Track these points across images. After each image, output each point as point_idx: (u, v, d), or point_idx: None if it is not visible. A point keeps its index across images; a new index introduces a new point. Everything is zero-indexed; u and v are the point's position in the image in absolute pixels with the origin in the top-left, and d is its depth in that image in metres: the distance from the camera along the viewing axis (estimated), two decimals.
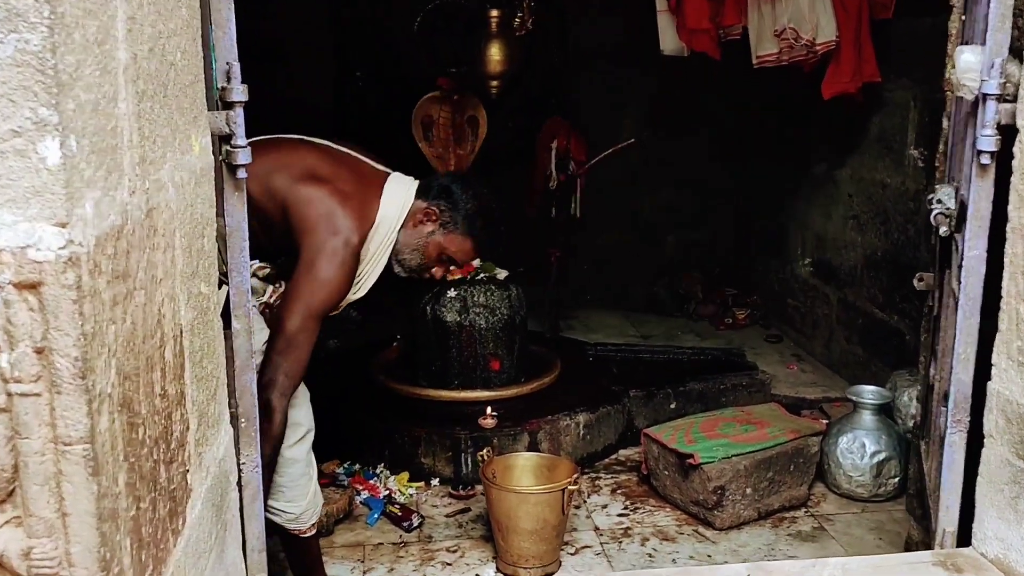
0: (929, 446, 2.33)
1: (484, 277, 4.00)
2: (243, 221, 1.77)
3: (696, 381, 4.11)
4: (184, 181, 1.45)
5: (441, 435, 3.59)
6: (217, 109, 1.71)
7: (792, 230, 5.24)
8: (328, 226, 2.38)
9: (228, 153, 1.73)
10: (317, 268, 2.36)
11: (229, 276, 1.75)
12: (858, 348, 4.54)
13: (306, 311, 2.37)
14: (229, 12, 1.71)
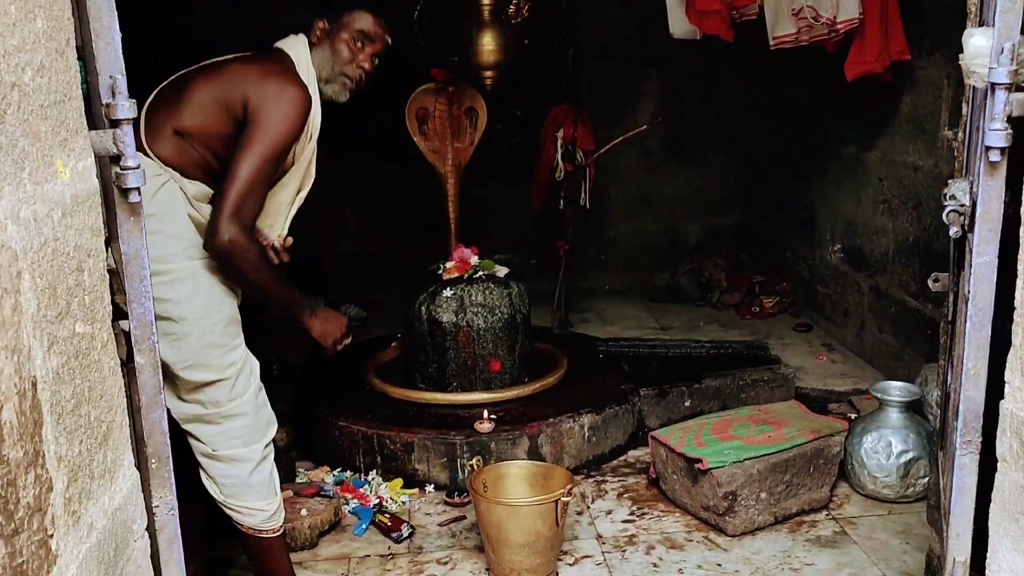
0: (946, 458, 2.12)
1: (483, 275, 3.83)
2: (141, 248, 1.58)
3: (713, 377, 3.90)
4: (43, 214, 1.29)
5: (435, 440, 3.43)
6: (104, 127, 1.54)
7: (821, 215, 5.00)
8: (264, 75, 2.45)
9: (118, 176, 1.55)
10: (265, 111, 2.40)
11: (129, 307, 1.59)
12: (890, 337, 4.30)
13: (260, 154, 2.39)
14: (111, 19, 1.52)
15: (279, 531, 2.60)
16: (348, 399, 3.80)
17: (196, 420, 2.48)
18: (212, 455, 2.50)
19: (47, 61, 1.33)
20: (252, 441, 2.52)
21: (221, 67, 2.55)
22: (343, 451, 3.56)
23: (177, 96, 2.48)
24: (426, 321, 3.75)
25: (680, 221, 5.86)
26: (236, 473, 2.50)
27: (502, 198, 5.69)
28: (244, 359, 2.51)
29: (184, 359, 2.44)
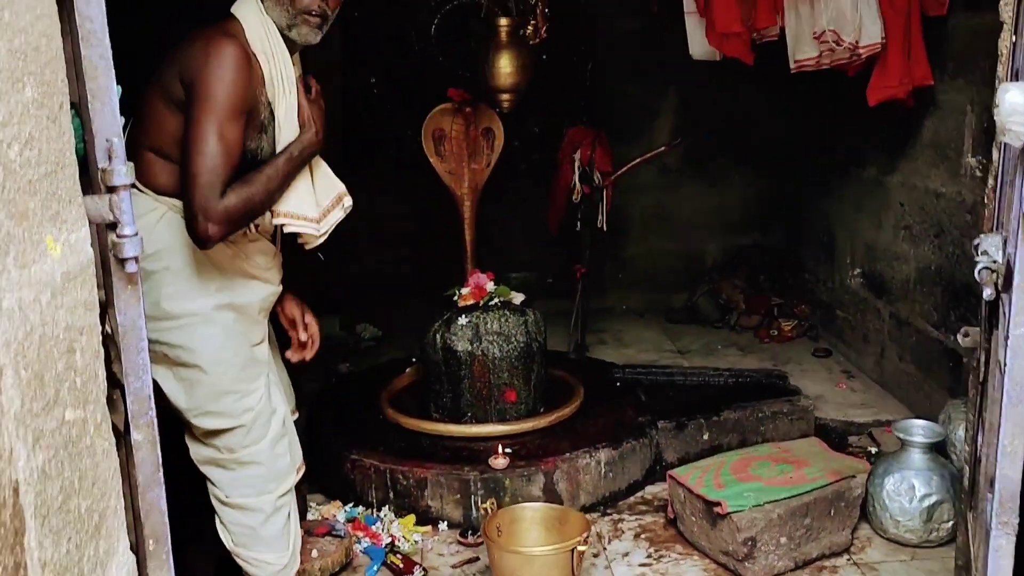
0: (976, 523, 2.07)
1: (498, 302, 3.79)
2: (139, 319, 1.53)
3: (732, 409, 3.86)
4: (29, 300, 1.22)
5: (449, 476, 3.39)
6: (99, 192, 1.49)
7: (841, 237, 4.94)
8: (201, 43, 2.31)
9: (114, 244, 1.50)
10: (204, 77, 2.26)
11: (126, 381, 1.55)
12: (911, 367, 4.25)
13: (207, 125, 2.26)
14: (108, 79, 1.46)
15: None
16: (361, 430, 3.78)
17: (211, 463, 2.47)
18: (225, 501, 2.48)
19: (37, 131, 1.27)
20: (265, 491, 2.49)
21: (163, 62, 2.39)
22: (355, 485, 3.53)
23: (140, 112, 2.37)
24: (440, 350, 3.72)
25: (698, 241, 5.82)
26: (247, 522, 2.48)
27: (518, 215, 5.66)
28: (262, 404, 2.48)
29: (196, 406, 2.42)
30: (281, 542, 2.51)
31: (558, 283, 5.67)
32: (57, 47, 1.35)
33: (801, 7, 3.68)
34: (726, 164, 5.69)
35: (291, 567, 2.56)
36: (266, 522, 2.48)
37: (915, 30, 3.66)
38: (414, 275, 5.74)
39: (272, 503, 2.49)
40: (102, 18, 1.46)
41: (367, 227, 5.64)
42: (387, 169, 5.54)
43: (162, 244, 2.34)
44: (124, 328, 1.54)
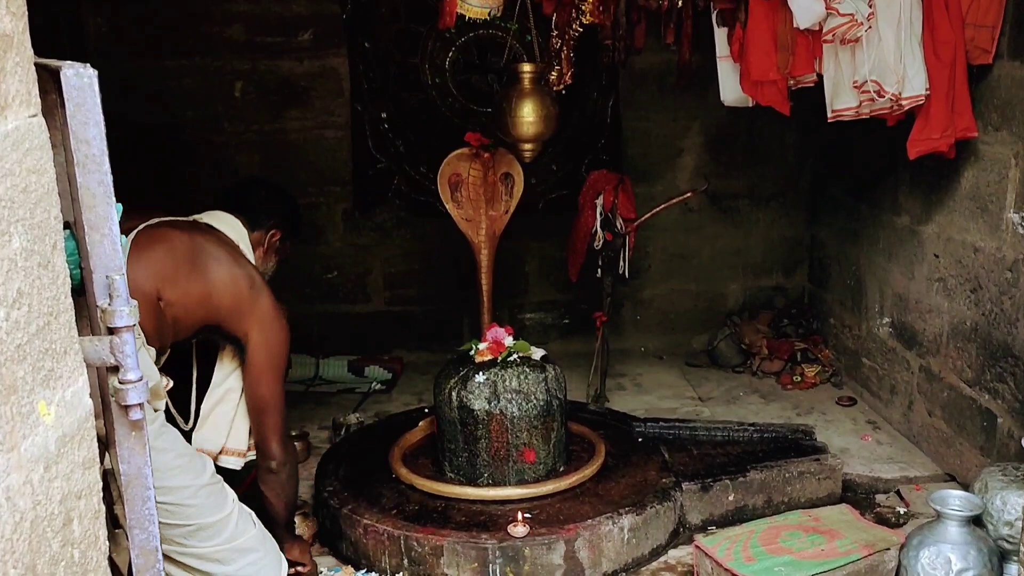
0: None
1: (517, 358, 3.73)
2: (145, 467, 1.43)
3: (758, 469, 3.79)
4: (18, 484, 1.10)
5: (466, 545, 3.33)
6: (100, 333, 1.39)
7: (870, 285, 4.88)
8: (249, 289, 2.58)
9: (116, 391, 1.39)
10: (269, 331, 2.63)
11: (130, 534, 1.47)
12: (941, 423, 4.18)
13: (277, 375, 2.69)
14: (108, 207, 1.36)
15: None
16: (373, 491, 3.71)
17: (209, 560, 2.36)
18: None
19: (27, 285, 1.15)
20: (278, 566, 2.43)
21: (206, 271, 2.55)
22: (368, 551, 3.47)
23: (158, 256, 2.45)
24: (456, 408, 3.67)
25: (720, 282, 5.77)
26: None
27: (534, 254, 5.62)
28: (236, 507, 2.42)
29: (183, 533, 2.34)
30: None
31: (576, 324, 5.64)
32: (49, 181, 1.23)
33: (841, 55, 3.61)
34: (750, 205, 5.64)
35: None
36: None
37: (960, 80, 3.59)
38: (425, 317, 5.70)
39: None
40: (101, 141, 1.37)
41: (379, 266, 5.62)
42: (399, 207, 5.50)
43: None
44: (128, 477, 1.44)
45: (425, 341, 5.66)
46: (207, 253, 2.53)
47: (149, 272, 2.37)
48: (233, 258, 2.58)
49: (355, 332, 5.68)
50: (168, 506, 2.21)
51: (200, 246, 2.52)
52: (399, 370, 5.55)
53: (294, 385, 5.41)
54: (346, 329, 5.68)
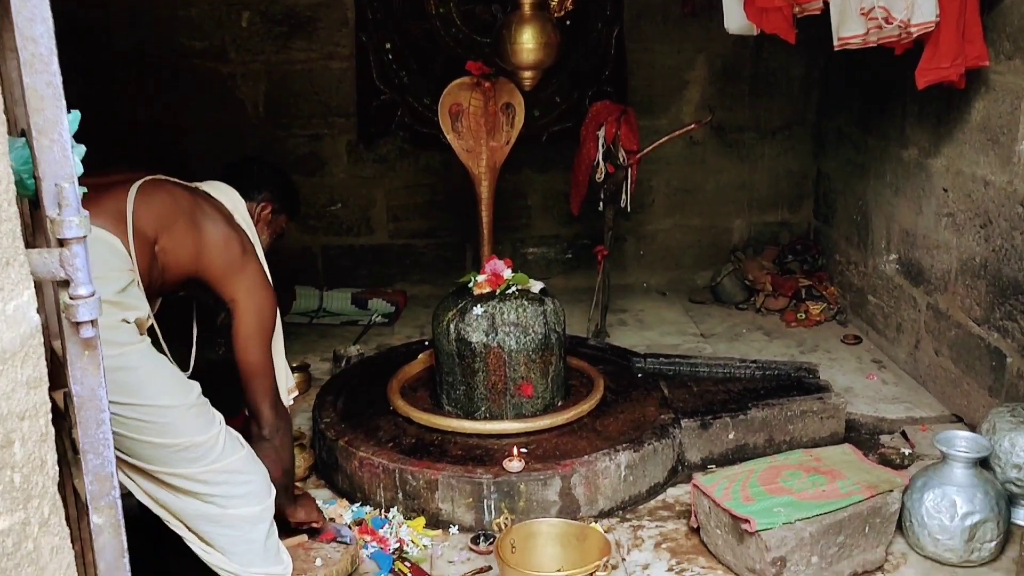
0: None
1: (515, 290, 3.54)
2: (99, 388, 1.28)
3: (759, 407, 3.62)
4: None
5: (461, 479, 3.18)
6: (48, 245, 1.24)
7: (876, 220, 4.66)
8: (240, 254, 2.49)
9: (67, 307, 1.25)
10: (256, 297, 2.50)
11: (83, 457, 1.31)
12: (948, 363, 3.99)
13: (264, 341, 2.54)
14: (57, 111, 1.20)
15: None
16: (370, 423, 3.57)
17: (196, 481, 2.22)
18: (222, 518, 2.25)
19: None
20: (262, 497, 2.29)
21: (203, 228, 2.46)
22: (363, 484, 3.33)
23: (161, 203, 2.38)
24: (454, 341, 3.49)
25: (724, 217, 5.55)
26: (252, 537, 2.27)
27: (537, 188, 5.41)
28: (224, 429, 2.28)
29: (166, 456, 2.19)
30: (281, 552, 2.33)
31: (579, 259, 5.44)
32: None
33: None
34: (756, 137, 5.40)
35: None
36: (269, 532, 2.28)
37: (971, 7, 3.34)
38: (429, 250, 5.51)
39: (271, 511, 2.29)
40: (49, 40, 1.20)
41: (382, 198, 5.41)
42: (402, 139, 5.28)
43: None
44: (81, 399, 1.29)
45: (429, 274, 5.48)
46: (205, 213, 2.48)
47: (152, 215, 2.31)
48: (228, 223, 2.53)
49: (359, 265, 5.50)
50: (156, 425, 2.09)
51: (200, 205, 2.48)
52: (402, 303, 5.37)
53: (298, 317, 5.25)
54: (350, 261, 5.50)
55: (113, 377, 2.04)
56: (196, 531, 2.21)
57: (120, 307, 2.08)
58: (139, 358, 2.08)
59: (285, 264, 5.38)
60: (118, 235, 2.16)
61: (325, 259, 5.49)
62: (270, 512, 2.28)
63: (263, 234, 2.79)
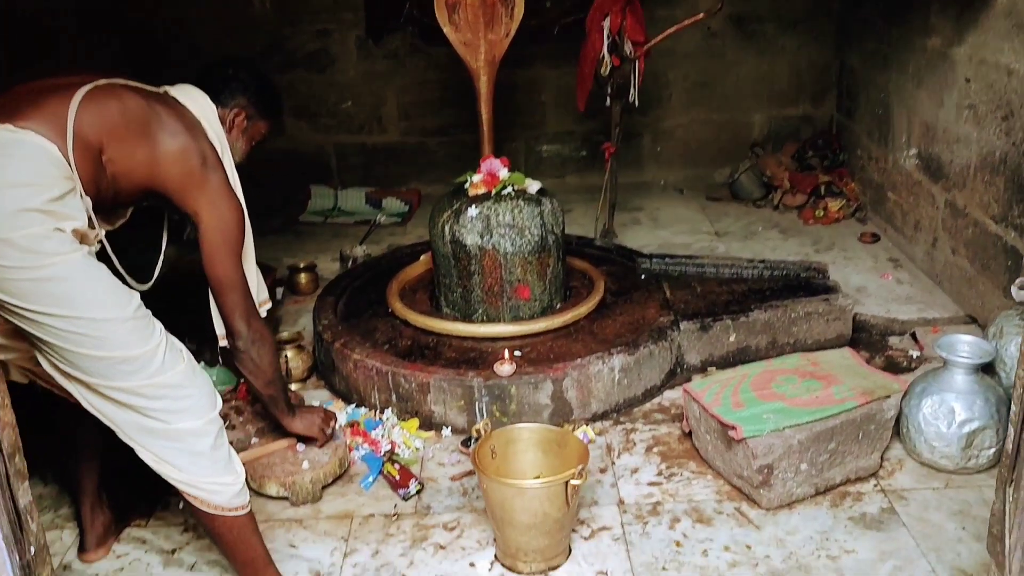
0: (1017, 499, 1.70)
1: (512, 191, 3.39)
2: None
3: (762, 309, 3.46)
4: None
5: (453, 383, 3.09)
6: None
7: (898, 113, 4.38)
8: (200, 166, 2.31)
9: None
10: (219, 210, 2.35)
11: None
12: (964, 262, 3.78)
13: (232, 254, 2.40)
14: None
15: (248, 508, 2.28)
16: (367, 325, 3.48)
17: (135, 394, 2.10)
18: (165, 432, 2.13)
19: None
20: (205, 411, 2.17)
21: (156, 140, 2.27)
22: (358, 386, 3.26)
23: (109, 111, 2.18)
24: (449, 243, 3.37)
25: (744, 112, 5.28)
26: (197, 449, 2.17)
27: (549, 83, 5.18)
28: (165, 341, 2.14)
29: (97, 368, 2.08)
30: (232, 463, 2.24)
31: (593, 156, 5.24)
32: None
33: None
34: (777, 28, 5.09)
35: (247, 488, 2.28)
36: (215, 444, 2.18)
37: None
38: (442, 148, 5.33)
39: (216, 423, 2.20)
40: None
41: (393, 96, 5.22)
42: (412, 33, 5.06)
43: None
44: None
45: (443, 172, 5.30)
46: (162, 123, 2.28)
47: (95, 122, 2.14)
48: (189, 133, 2.33)
49: (372, 163, 5.35)
50: (91, 338, 1.99)
51: (156, 114, 2.28)
52: (416, 202, 5.24)
53: (313, 216, 5.16)
54: (363, 160, 5.35)
55: (45, 287, 1.95)
56: (142, 444, 2.14)
57: (54, 216, 1.96)
58: (70, 269, 1.96)
59: (300, 163, 5.26)
60: (55, 141, 2.02)
61: (339, 158, 5.35)
62: (214, 425, 2.16)
63: (238, 142, 2.62)
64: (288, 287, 4.19)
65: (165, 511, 2.78)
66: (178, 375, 2.11)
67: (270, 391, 2.67)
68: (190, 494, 2.19)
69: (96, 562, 2.60)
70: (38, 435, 2.54)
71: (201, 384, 2.17)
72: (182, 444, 2.13)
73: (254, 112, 2.65)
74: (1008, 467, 1.78)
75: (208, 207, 2.32)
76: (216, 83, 2.55)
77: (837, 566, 2.48)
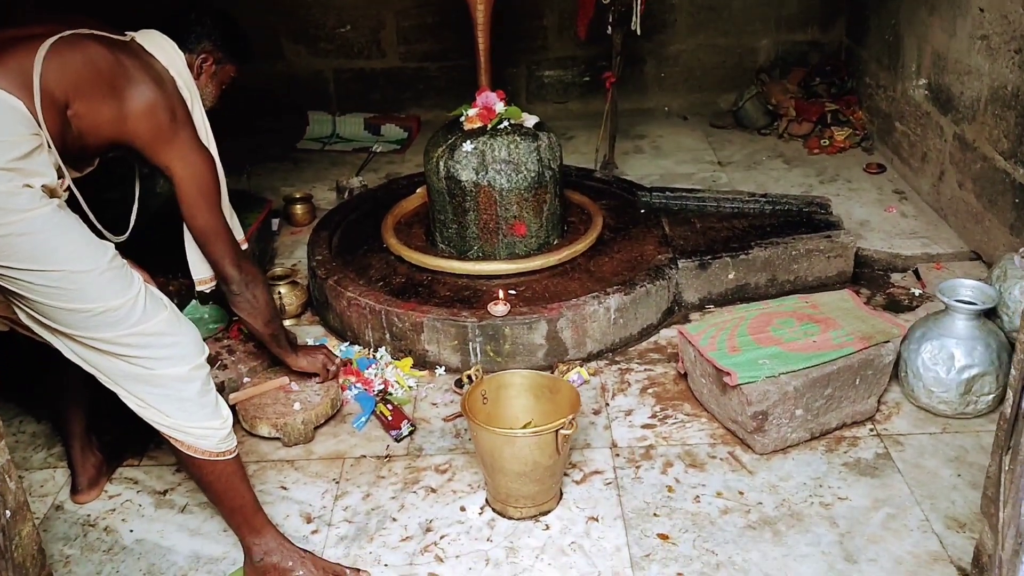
0: (1013, 470, 1.62)
1: (508, 125, 3.26)
2: None
3: (762, 246, 3.35)
4: None
5: (446, 322, 3.01)
6: None
7: (908, 41, 4.19)
8: (169, 121, 2.22)
9: None
10: (192, 164, 2.28)
11: None
12: (971, 196, 3.65)
13: (210, 204, 2.35)
14: None
15: (235, 453, 2.23)
16: (362, 261, 3.40)
17: (118, 344, 2.03)
18: (150, 379, 2.08)
19: None
20: (191, 358, 2.11)
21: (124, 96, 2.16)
22: (352, 324, 3.19)
23: (75, 65, 2.07)
24: (444, 179, 3.25)
25: (750, 36, 5.07)
26: (184, 395, 2.11)
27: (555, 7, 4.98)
28: (144, 290, 2.07)
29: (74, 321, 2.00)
30: (219, 408, 2.17)
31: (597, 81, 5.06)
32: None
33: None
34: None
35: (233, 434, 2.21)
36: (202, 390, 2.13)
37: None
38: (442, 73, 5.16)
39: (203, 369, 2.13)
40: None
41: (392, 19, 5.03)
42: None
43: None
44: None
45: (443, 99, 5.15)
46: (129, 77, 2.17)
47: (61, 77, 2.03)
48: (158, 87, 2.23)
49: (371, 89, 5.18)
50: (68, 291, 1.92)
51: (124, 68, 2.17)
52: (416, 129, 5.09)
53: (311, 143, 5.02)
54: (362, 86, 5.19)
55: (17, 243, 1.87)
56: (127, 390, 2.08)
57: (22, 173, 1.87)
58: (42, 223, 1.87)
59: (297, 88, 5.11)
60: (22, 97, 1.91)
61: (337, 83, 5.18)
62: (201, 371, 2.10)
63: (207, 87, 2.52)
64: (284, 218, 4.09)
65: (158, 450, 2.74)
66: (161, 323, 2.04)
67: (271, 329, 2.65)
68: (176, 439, 2.13)
69: (88, 503, 2.57)
70: (27, 375, 2.49)
71: (186, 331, 2.11)
72: (168, 390, 2.07)
73: (222, 56, 2.55)
74: (1006, 432, 1.70)
75: (180, 162, 2.25)
76: (181, 29, 2.45)
77: (830, 514, 2.43)
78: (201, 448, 2.16)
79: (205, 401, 2.14)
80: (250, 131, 4.70)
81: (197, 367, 2.10)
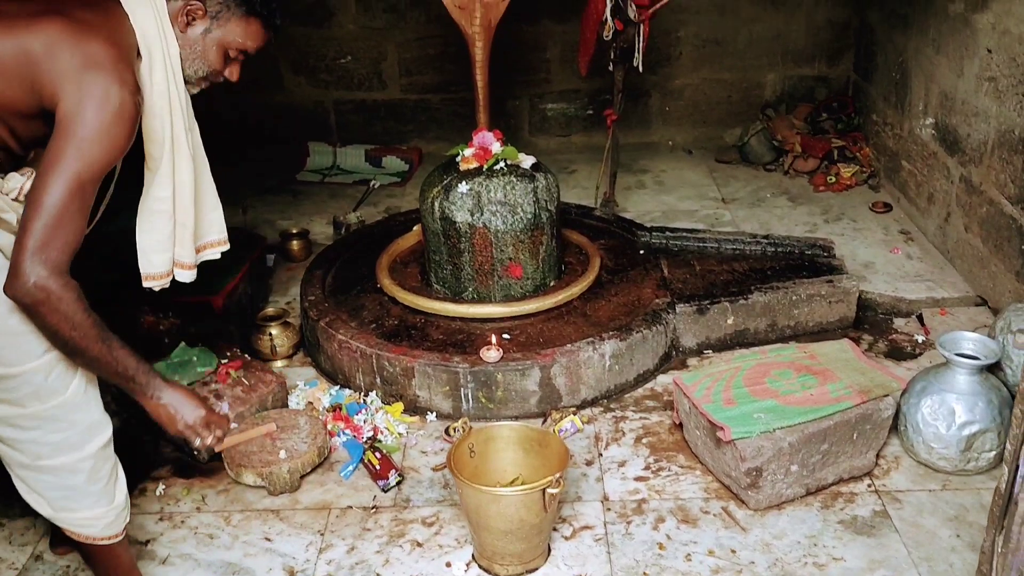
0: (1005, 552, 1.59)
1: (504, 166, 3.24)
2: None
3: (762, 290, 3.33)
4: None
5: (437, 368, 2.99)
6: None
7: (915, 79, 4.17)
8: (88, 65, 1.77)
9: None
10: (82, 118, 1.76)
11: None
12: (977, 240, 3.62)
13: (73, 176, 1.76)
14: None
15: (121, 535, 2.15)
16: (355, 302, 3.38)
17: (5, 424, 1.92)
18: (31, 467, 1.97)
19: None
20: (82, 444, 1.98)
21: (32, 18, 1.80)
22: (343, 366, 3.17)
23: None
24: (439, 220, 3.24)
25: (756, 70, 5.06)
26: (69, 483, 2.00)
27: (558, 40, 4.98)
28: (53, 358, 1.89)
29: None
30: (109, 488, 2.03)
31: (600, 115, 5.06)
32: None
33: None
34: None
35: (125, 513, 2.13)
36: (91, 478, 1.98)
37: None
38: (443, 105, 5.16)
39: (93, 456, 1.97)
40: None
41: (394, 51, 5.04)
42: None
43: None
44: None
45: (444, 131, 5.16)
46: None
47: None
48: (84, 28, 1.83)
49: (372, 121, 5.19)
50: None
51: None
52: (417, 161, 5.09)
53: (311, 175, 5.02)
54: (363, 117, 5.19)
55: None
56: (13, 473, 1.98)
57: None
58: None
59: (298, 119, 5.12)
60: None
61: (338, 115, 5.19)
62: (89, 461, 1.97)
63: (197, 46, 2.03)
64: (280, 254, 4.08)
65: (142, 496, 2.72)
66: (55, 408, 1.89)
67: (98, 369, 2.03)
68: (62, 527, 2.08)
69: (69, 554, 2.55)
70: None
71: (79, 418, 1.94)
72: (55, 478, 1.96)
73: (217, 7, 2.00)
74: (1000, 508, 1.67)
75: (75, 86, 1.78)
76: None
77: (824, 575, 2.39)
78: (84, 535, 2.10)
79: (92, 489, 2.02)
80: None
81: (84, 458, 1.97)
